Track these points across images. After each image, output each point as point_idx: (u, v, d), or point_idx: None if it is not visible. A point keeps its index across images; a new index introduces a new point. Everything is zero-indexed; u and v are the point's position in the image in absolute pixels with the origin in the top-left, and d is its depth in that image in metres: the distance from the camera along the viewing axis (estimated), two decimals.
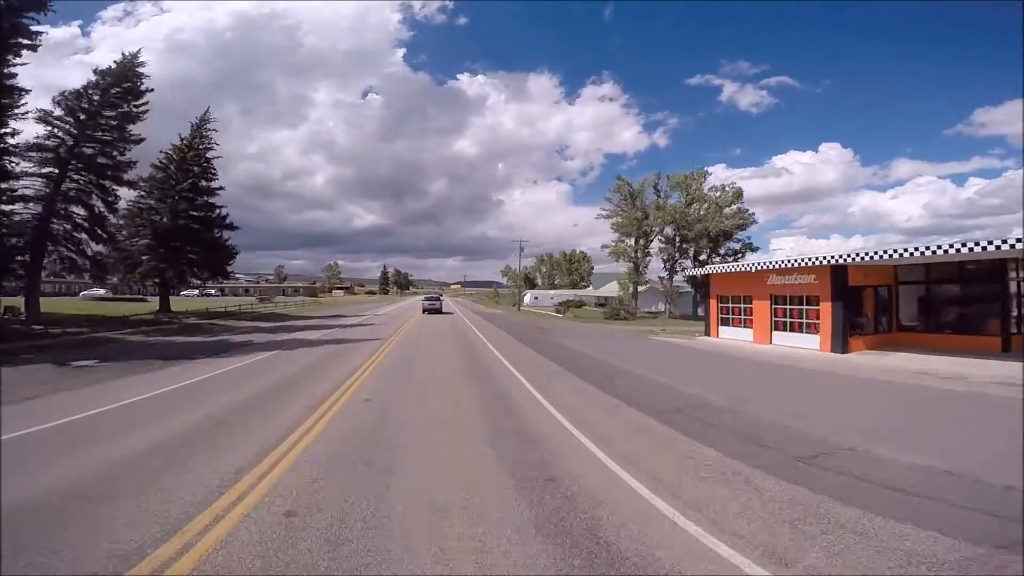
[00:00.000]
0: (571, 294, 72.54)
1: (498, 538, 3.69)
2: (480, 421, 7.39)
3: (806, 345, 19.70)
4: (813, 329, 19.91)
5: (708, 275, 25.62)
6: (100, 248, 29.14)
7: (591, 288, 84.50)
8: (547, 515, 4.10)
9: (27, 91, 22.10)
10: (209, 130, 38.62)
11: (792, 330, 20.77)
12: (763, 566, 3.36)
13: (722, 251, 52.95)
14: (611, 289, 74.73)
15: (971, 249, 14.26)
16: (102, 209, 27.66)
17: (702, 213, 49.79)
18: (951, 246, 15.04)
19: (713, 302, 25.09)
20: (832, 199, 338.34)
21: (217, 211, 37.84)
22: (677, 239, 51.74)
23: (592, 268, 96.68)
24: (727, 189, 50.46)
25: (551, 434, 6.70)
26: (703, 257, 53.44)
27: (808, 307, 20.11)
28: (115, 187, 28.92)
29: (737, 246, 52.36)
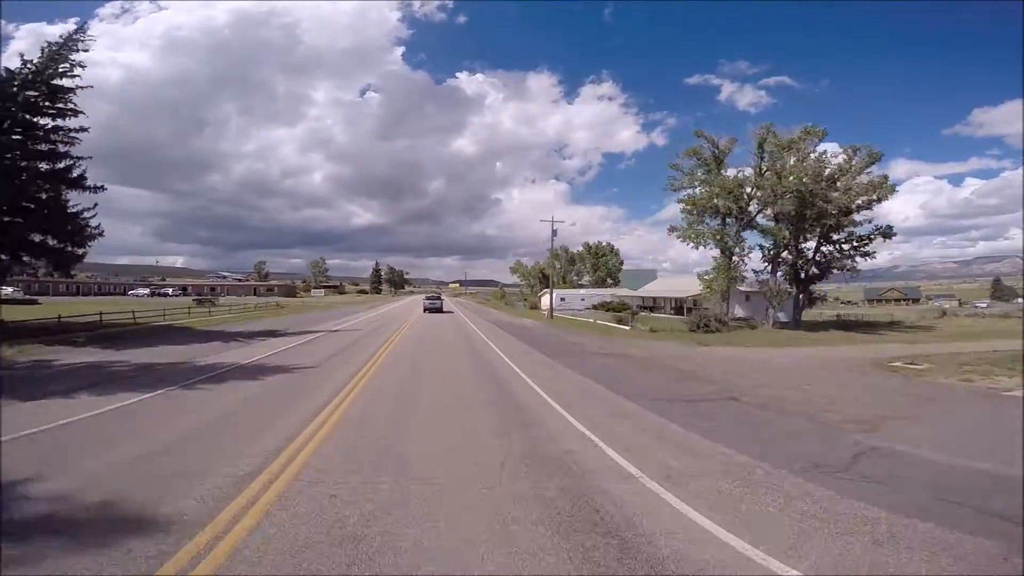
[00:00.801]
0: (607, 294, 57.16)
1: None
2: None
3: None
4: None
5: None
6: None
7: (625, 287, 68.92)
8: None
9: None
10: (77, 50, 23.11)
11: None
12: None
13: (836, 236, 37.57)
14: (656, 289, 59.23)
15: None
16: None
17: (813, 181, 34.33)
18: None
19: None
20: None
21: (71, 163, 22.24)
22: (775, 216, 36.18)
23: (622, 263, 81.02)
24: (859, 151, 34.99)
25: None
26: (809, 244, 38.11)
27: None
28: None
29: (860, 228, 36.86)
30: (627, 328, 29.08)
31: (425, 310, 42.55)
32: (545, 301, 66.73)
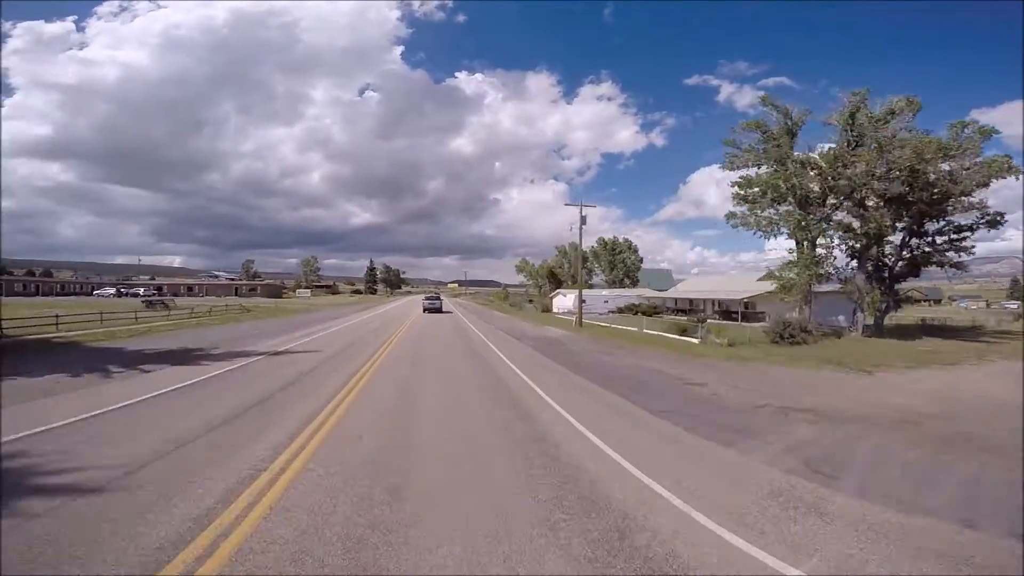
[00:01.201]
0: (633, 295, 49.78)
1: None
2: None
3: None
4: None
5: None
6: None
7: (646, 287, 61.52)
8: None
9: None
10: None
11: None
12: None
13: (931, 226, 30.36)
14: (692, 290, 51.99)
15: None
16: None
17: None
18: None
19: None
20: None
21: None
22: (860, 201, 28.81)
23: (641, 261, 73.58)
24: (967, 127, 27.78)
25: None
26: (895, 235, 30.87)
27: None
28: None
29: (961, 218, 29.49)
30: (695, 341, 21.68)
31: (425, 310, 46.98)
32: (558, 303, 59.16)
